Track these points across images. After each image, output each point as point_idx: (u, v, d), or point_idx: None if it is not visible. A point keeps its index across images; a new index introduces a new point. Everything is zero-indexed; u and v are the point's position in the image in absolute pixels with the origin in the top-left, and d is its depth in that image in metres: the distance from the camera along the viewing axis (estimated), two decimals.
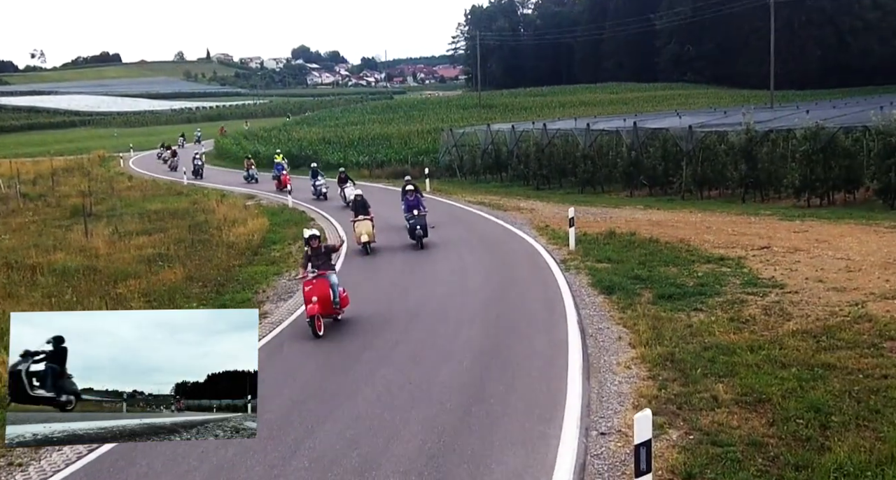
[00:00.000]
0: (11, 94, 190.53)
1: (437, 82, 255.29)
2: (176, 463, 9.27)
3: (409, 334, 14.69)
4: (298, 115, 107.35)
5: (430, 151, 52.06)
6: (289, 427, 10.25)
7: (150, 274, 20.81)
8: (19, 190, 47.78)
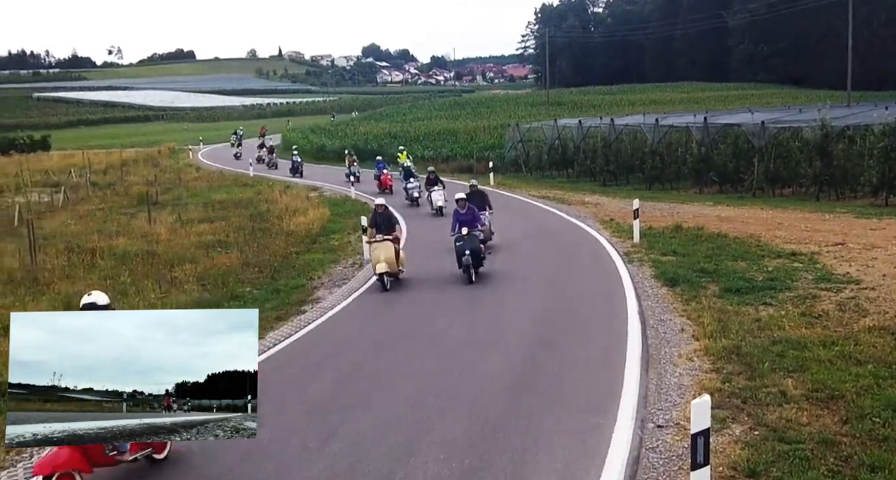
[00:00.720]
0: (89, 89, 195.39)
1: (506, 81, 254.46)
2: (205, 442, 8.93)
3: (461, 317, 14.25)
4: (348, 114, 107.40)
5: (495, 147, 51.48)
6: (330, 411, 9.87)
7: (206, 259, 20.74)
8: (89, 179, 48.67)
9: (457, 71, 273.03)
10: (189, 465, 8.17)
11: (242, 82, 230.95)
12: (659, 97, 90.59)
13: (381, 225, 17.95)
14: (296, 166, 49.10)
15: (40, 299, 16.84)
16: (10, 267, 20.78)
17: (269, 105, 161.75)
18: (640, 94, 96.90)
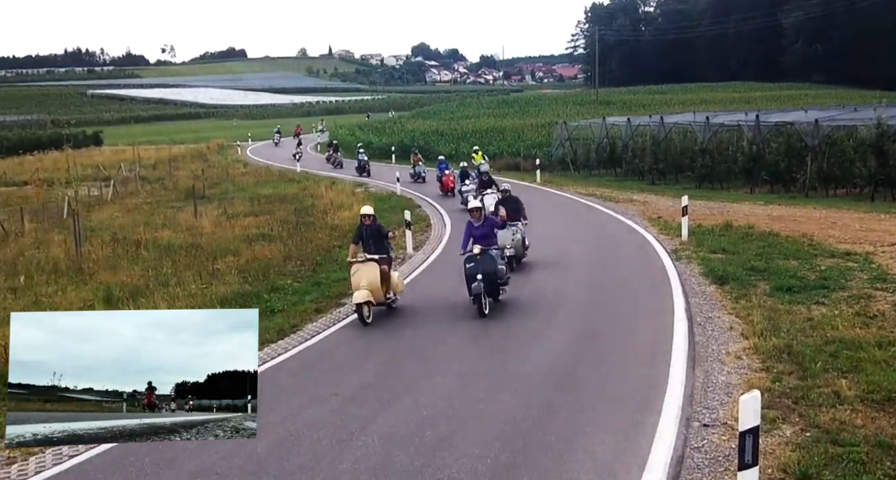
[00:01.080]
0: (142, 87, 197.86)
1: (555, 81, 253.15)
2: None
3: (498, 313, 13.98)
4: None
5: (543, 145, 50.98)
6: (360, 406, 9.66)
7: (248, 251, 20.69)
8: (138, 173, 49.17)
9: (506, 70, 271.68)
10: None
11: (293, 81, 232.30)
12: (710, 97, 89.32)
13: (369, 240, 14.59)
14: (362, 165, 46.00)
15: (82, 288, 16.91)
16: (55, 256, 20.94)
17: (319, 103, 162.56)
18: (691, 94, 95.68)
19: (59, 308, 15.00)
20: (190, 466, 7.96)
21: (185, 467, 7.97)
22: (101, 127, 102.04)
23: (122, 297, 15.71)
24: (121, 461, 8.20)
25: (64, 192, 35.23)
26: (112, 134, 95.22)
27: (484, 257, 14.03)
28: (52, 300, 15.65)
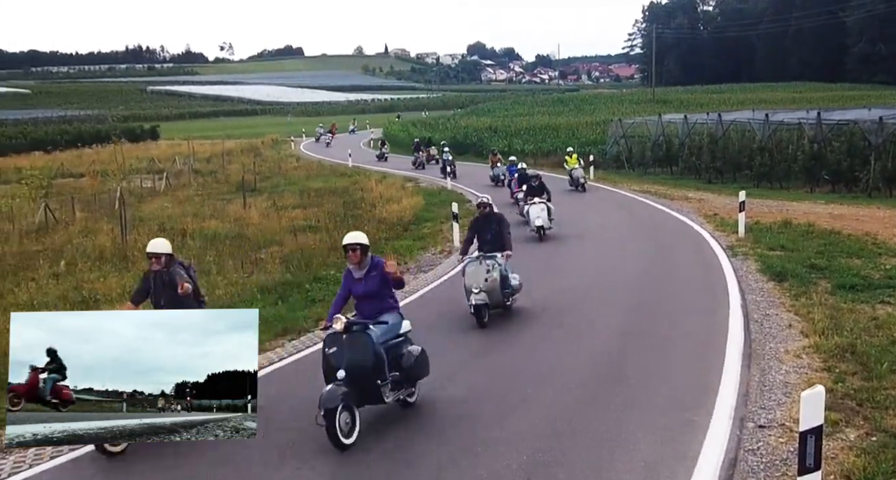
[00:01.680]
0: (200, 84, 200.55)
1: (611, 81, 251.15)
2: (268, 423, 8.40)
3: (547, 305, 13.50)
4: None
5: (597, 142, 50.23)
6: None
7: (293, 242, 20.45)
8: (192, 166, 49.52)
9: (561, 70, 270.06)
10: None
11: (348, 79, 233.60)
12: (769, 97, 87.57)
13: None
14: (445, 165, 39.56)
15: (124, 275, 16.85)
16: (102, 244, 21.03)
17: (373, 101, 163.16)
18: (750, 94, 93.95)
19: (98, 293, 14.89)
20: (212, 455, 7.60)
21: (208, 456, 7.60)
22: (158, 122, 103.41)
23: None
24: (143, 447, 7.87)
25: (118, 183, 35.63)
26: (169, 129, 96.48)
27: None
28: (92, 286, 15.56)
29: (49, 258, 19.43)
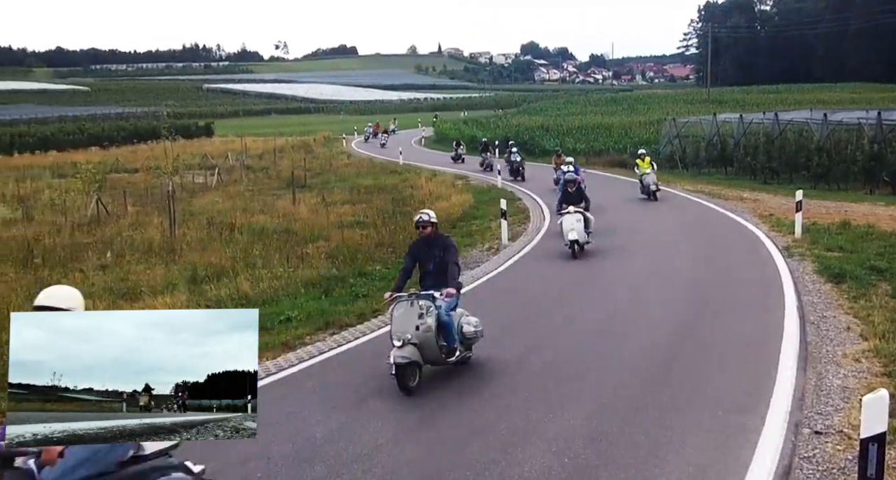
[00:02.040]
0: (255, 82, 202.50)
1: (666, 81, 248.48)
2: (300, 419, 8.21)
3: (595, 304, 13.18)
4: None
5: (650, 142, 49.44)
6: (436, 392, 9.02)
7: (339, 237, 20.34)
8: (244, 163, 49.82)
9: (615, 70, 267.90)
10: None
11: (401, 78, 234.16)
12: (828, 97, 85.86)
13: None
14: (515, 167, 37.87)
15: (170, 267, 16.85)
16: (150, 237, 21.16)
17: (426, 99, 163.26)
18: (808, 94, 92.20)
19: (142, 284, 14.90)
20: (241, 448, 7.43)
21: (236, 450, 7.44)
22: (213, 119, 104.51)
23: (207, 277, 15.54)
24: None
25: (168, 178, 35.94)
26: (223, 126, 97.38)
27: None
28: (137, 277, 15.63)
29: (98, 250, 19.57)
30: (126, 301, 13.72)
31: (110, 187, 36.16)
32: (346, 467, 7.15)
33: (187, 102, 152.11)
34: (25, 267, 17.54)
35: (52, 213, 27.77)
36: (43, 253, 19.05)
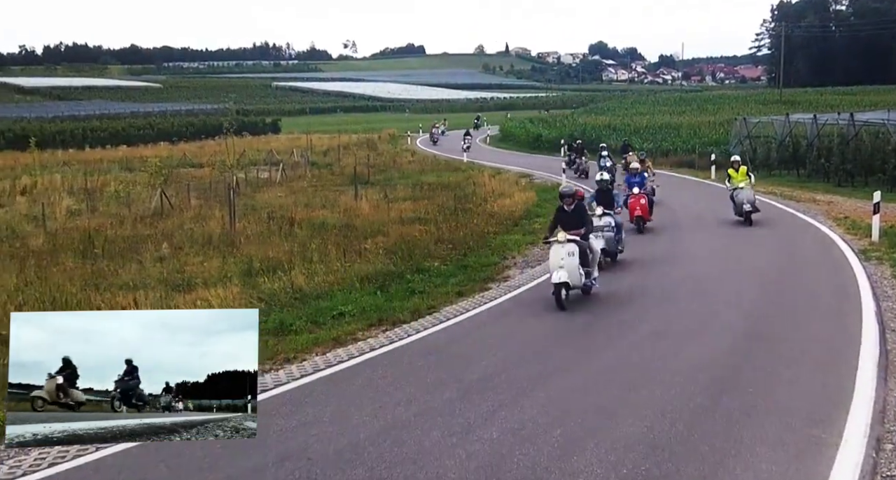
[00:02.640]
0: (323, 80, 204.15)
1: (737, 82, 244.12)
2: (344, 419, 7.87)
3: (659, 304, 12.67)
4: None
5: (719, 143, 48.45)
6: (490, 392, 8.60)
7: (398, 232, 20.05)
8: (308, 159, 50.00)
9: (685, 71, 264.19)
10: None
11: (468, 77, 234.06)
12: None
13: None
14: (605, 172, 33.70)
15: (228, 259, 16.72)
16: (211, 230, 21.14)
17: (493, 99, 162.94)
18: (885, 96, 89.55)
19: (198, 275, 14.77)
20: (281, 448, 7.10)
21: (275, 448, 7.12)
22: (281, 116, 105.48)
23: (262, 270, 15.36)
24: None
25: (232, 172, 36.15)
26: (290, 123, 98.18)
27: None
28: (192, 269, 15.52)
29: (157, 242, 19.55)
30: (179, 292, 13.57)
31: (176, 181, 36.45)
32: (388, 471, 6.79)
33: (256, 100, 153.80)
34: (85, 258, 17.56)
35: (117, 206, 27.96)
36: (103, 245, 19.08)
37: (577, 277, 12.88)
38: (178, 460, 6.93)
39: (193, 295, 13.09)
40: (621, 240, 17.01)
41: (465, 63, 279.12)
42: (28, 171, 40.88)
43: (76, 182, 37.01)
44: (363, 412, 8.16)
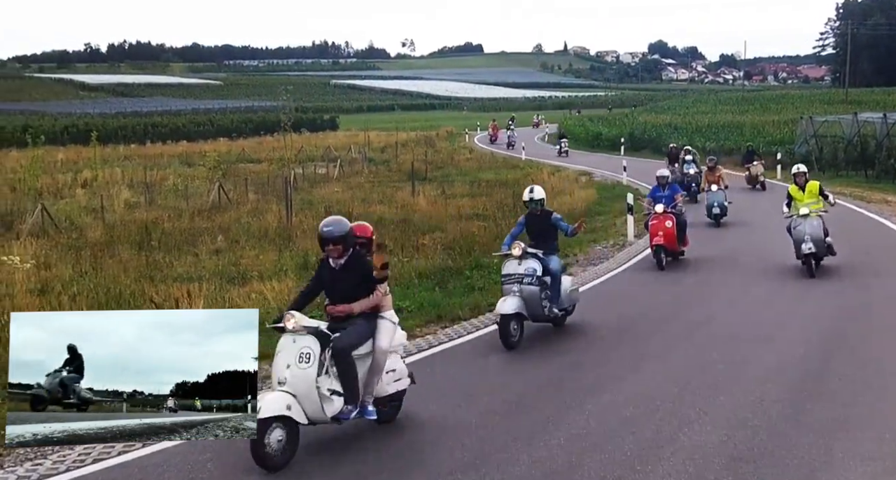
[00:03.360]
0: (382, 79, 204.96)
1: (799, 82, 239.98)
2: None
3: (730, 305, 12.21)
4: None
5: (784, 142, 47.42)
6: (550, 398, 8.18)
7: (457, 229, 19.71)
8: (366, 155, 50.01)
9: (746, 70, 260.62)
10: None
11: (526, 76, 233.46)
12: None
13: None
14: (688, 182, 27.06)
15: (284, 252, 16.56)
16: (267, 224, 21.05)
17: (551, 97, 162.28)
18: None
19: (254, 268, 14.58)
20: (336, 447, 6.76)
21: (331, 447, 6.78)
22: (339, 114, 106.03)
23: (317, 263, 15.08)
24: None
25: (290, 167, 36.19)
26: (348, 120, 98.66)
27: None
28: (247, 262, 15.34)
29: (213, 235, 19.48)
30: (234, 285, 13.36)
31: (234, 175, 36.60)
32: (443, 478, 6.41)
33: (314, 97, 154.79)
34: (141, 250, 17.49)
35: (175, 199, 28.04)
36: (159, 237, 19.04)
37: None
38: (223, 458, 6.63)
39: (248, 288, 12.88)
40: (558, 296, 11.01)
41: (524, 62, 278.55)
42: (90, 165, 41.32)
43: (136, 176, 37.31)
44: (420, 411, 7.79)
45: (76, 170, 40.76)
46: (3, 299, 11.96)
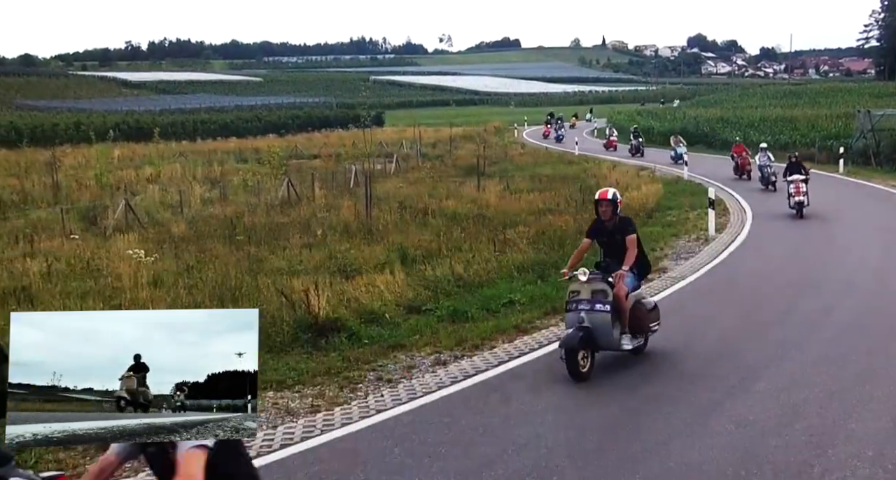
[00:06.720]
0: (420, 74, 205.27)
1: (841, 75, 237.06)
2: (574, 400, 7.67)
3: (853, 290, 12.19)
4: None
5: (840, 136, 47.01)
6: (707, 382, 8.34)
7: (538, 223, 19.88)
8: (420, 151, 50.29)
9: (788, 63, 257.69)
10: None
11: (565, 70, 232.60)
12: None
13: None
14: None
15: (375, 247, 16.74)
16: (346, 219, 21.24)
17: (591, 92, 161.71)
18: None
19: (356, 262, 14.82)
20: (485, 449, 6.94)
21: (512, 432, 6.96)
22: (381, 110, 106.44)
23: (417, 258, 15.36)
24: None
25: (350, 165, 36.51)
26: (390, 116, 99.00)
27: None
28: (345, 255, 15.52)
29: (297, 229, 19.74)
30: (344, 278, 13.57)
31: (292, 171, 36.96)
32: (604, 466, 6.59)
33: (354, 94, 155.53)
34: (230, 244, 17.78)
35: (245, 194, 28.40)
36: (244, 232, 19.32)
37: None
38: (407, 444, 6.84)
39: (360, 281, 13.07)
40: None
41: (562, 56, 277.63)
42: (147, 161, 41.88)
43: (196, 171, 37.80)
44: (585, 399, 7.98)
45: (135, 166, 41.34)
46: (125, 292, 12.30)
